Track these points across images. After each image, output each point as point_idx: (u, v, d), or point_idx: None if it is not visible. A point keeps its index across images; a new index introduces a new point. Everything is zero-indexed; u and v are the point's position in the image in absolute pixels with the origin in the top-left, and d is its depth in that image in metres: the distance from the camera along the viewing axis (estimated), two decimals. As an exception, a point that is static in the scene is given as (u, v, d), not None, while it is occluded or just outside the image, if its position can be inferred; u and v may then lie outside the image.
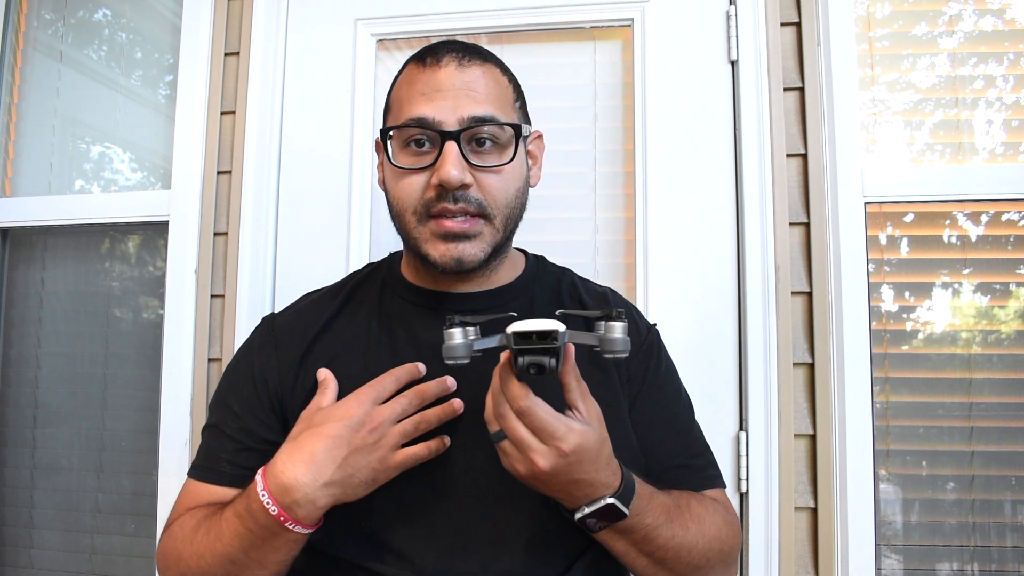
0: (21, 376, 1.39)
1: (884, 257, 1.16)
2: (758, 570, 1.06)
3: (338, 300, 0.79)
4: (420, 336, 0.74)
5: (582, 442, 0.57)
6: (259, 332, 0.79)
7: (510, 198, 0.71)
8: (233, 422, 0.73)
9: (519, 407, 0.56)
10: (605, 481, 0.60)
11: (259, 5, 1.28)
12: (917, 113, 1.18)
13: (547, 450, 0.57)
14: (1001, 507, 1.10)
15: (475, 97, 0.68)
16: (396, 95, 0.73)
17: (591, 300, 0.81)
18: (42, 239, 1.41)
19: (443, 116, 0.67)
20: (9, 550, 1.36)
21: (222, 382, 0.78)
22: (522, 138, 0.72)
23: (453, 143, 0.66)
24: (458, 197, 0.67)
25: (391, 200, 0.73)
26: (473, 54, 0.71)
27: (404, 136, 0.69)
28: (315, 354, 0.75)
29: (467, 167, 0.67)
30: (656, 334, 0.84)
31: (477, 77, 0.70)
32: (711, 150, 1.17)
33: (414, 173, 0.69)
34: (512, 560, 0.67)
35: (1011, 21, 1.18)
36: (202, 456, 0.75)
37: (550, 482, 0.59)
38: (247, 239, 1.24)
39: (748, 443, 1.09)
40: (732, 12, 1.17)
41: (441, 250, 0.69)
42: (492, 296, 0.77)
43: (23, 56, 1.45)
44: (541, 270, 0.83)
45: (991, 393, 1.12)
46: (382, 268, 0.84)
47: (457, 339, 0.57)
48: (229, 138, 1.28)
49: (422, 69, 0.70)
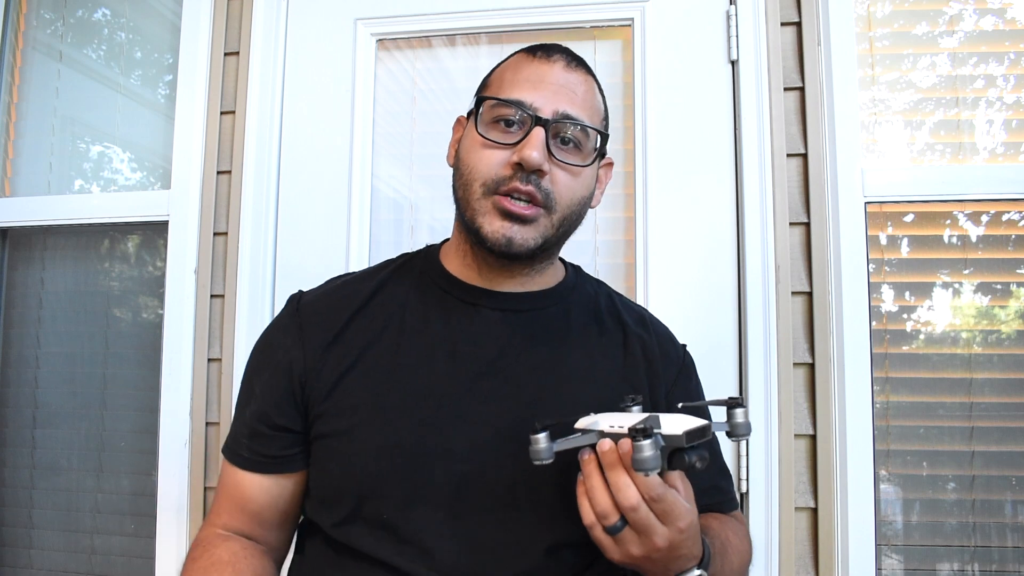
0: (21, 376, 1.39)
1: (884, 257, 1.16)
2: (758, 570, 1.06)
3: (372, 284, 0.78)
4: (455, 330, 0.73)
5: (693, 519, 0.59)
6: (285, 312, 0.78)
7: (575, 201, 0.73)
8: (253, 404, 0.74)
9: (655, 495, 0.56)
10: (694, 553, 0.61)
11: (259, 5, 1.28)
12: (917, 113, 1.18)
13: (667, 531, 0.57)
14: (1001, 507, 1.10)
15: (573, 99, 0.71)
16: (499, 75, 0.75)
17: (631, 319, 0.81)
18: (42, 239, 1.41)
19: (540, 104, 0.69)
20: (9, 550, 1.36)
21: (251, 359, 0.78)
22: (600, 153, 0.75)
23: (541, 129, 0.68)
24: (530, 180, 0.68)
25: (463, 169, 0.73)
26: (581, 62, 0.75)
27: (495, 113, 0.71)
28: (345, 339, 0.73)
29: (548, 157, 0.69)
30: (690, 357, 0.85)
31: (579, 82, 0.73)
32: (711, 150, 1.16)
33: (497, 147, 0.70)
34: (524, 565, 0.66)
35: (1011, 21, 1.18)
36: (231, 435, 0.76)
37: (658, 560, 0.59)
38: (247, 239, 1.24)
39: (748, 443, 1.09)
40: (732, 12, 1.17)
41: (496, 226, 0.69)
42: (532, 298, 0.77)
43: (23, 56, 1.45)
44: (580, 280, 0.84)
45: (991, 393, 1.12)
46: (419, 258, 0.83)
47: (542, 444, 0.58)
48: (229, 138, 1.28)
49: (531, 59, 0.73)
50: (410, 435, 0.67)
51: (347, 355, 0.72)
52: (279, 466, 0.73)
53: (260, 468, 0.73)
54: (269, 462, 0.72)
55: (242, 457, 0.73)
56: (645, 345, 0.78)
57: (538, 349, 0.74)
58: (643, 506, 0.56)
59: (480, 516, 0.67)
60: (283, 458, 0.72)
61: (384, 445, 0.67)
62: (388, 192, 1.29)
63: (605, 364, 0.75)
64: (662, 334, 0.82)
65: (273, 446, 0.72)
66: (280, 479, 0.73)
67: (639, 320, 0.82)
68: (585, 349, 0.75)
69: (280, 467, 0.73)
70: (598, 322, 0.79)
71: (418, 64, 1.31)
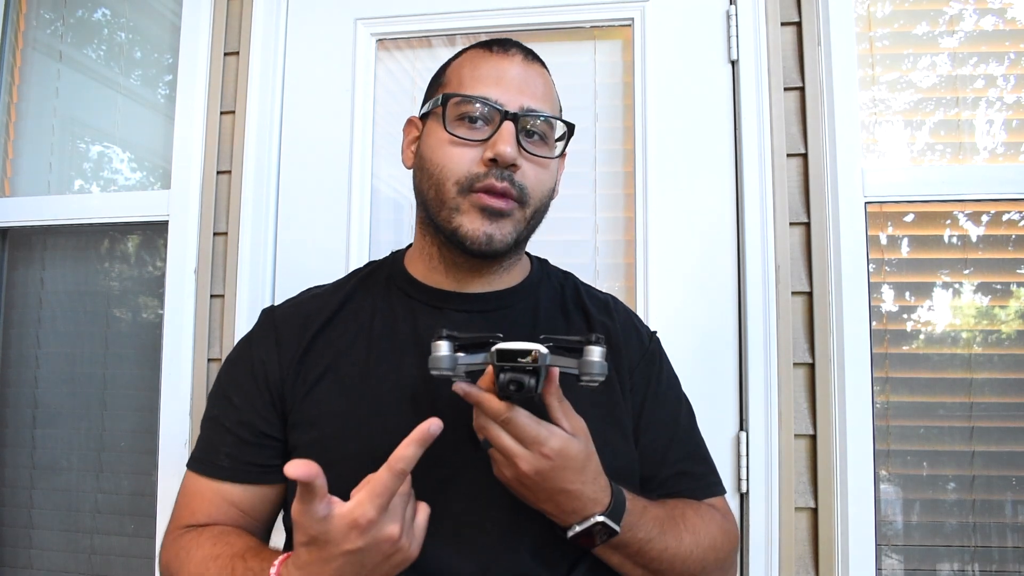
0: (21, 376, 1.39)
1: (884, 257, 1.16)
2: (758, 570, 1.06)
3: (340, 296, 0.79)
4: (423, 335, 0.74)
5: (564, 446, 0.59)
6: (259, 325, 0.79)
7: (544, 193, 0.74)
8: (233, 415, 0.73)
9: (502, 419, 0.58)
10: (593, 496, 0.61)
11: (259, 5, 1.28)
12: (917, 113, 1.18)
13: (530, 454, 0.58)
14: (1002, 507, 1.10)
15: (535, 93, 0.73)
16: (457, 72, 0.75)
17: (594, 306, 0.82)
18: (42, 239, 1.41)
19: (505, 99, 0.70)
20: (9, 550, 1.36)
21: (221, 374, 0.78)
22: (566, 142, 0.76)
23: (511, 123, 0.69)
24: (504, 176, 0.69)
25: (431, 168, 0.72)
26: (535, 56, 0.77)
27: (461, 110, 0.71)
28: (317, 349, 0.74)
29: (519, 150, 0.70)
30: (657, 342, 0.84)
31: (538, 75, 0.75)
32: (711, 150, 1.16)
33: (466, 144, 0.70)
34: (514, 562, 0.66)
35: (1012, 21, 1.18)
36: (201, 448, 0.74)
37: (537, 489, 0.60)
38: (247, 239, 1.24)
39: (748, 443, 1.09)
40: (732, 12, 1.17)
41: (476, 224, 0.69)
42: (499, 297, 0.77)
43: (22, 56, 1.45)
44: (545, 273, 0.84)
45: (991, 393, 1.12)
46: (385, 265, 0.84)
47: (443, 351, 0.57)
48: (229, 138, 1.28)
49: (489, 55, 0.74)
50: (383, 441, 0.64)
51: (318, 365, 0.72)
52: (263, 476, 0.72)
53: (243, 478, 0.72)
54: (255, 471, 0.72)
55: (220, 467, 0.72)
56: (608, 331, 0.79)
57: None
58: (494, 426, 0.59)
59: (461, 517, 0.67)
60: (268, 468, 0.72)
61: (358, 453, 0.66)
62: (388, 192, 1.29)
63: None
64: (626, 320, 0.83)
65: (261, 455, 0.72)
66: (263, 489, 0.73)
67: (603, 308, 0.83)
68: None
69: (264, 477, 0.72)
70: (564, 315, 0.80)
71: (418, 64, 1.31)
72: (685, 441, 0.80)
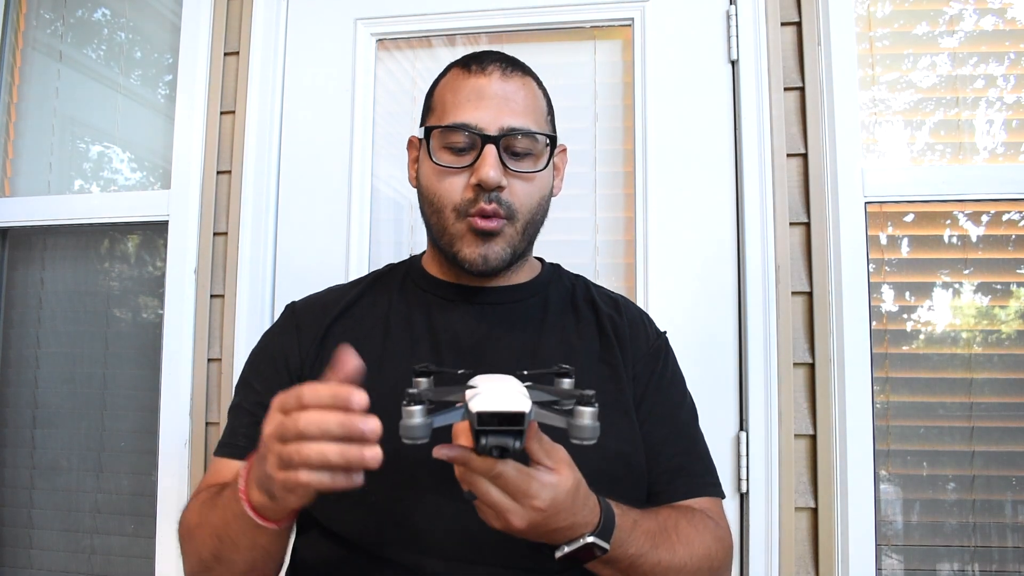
0: (21, 376, 1.39)
1: (884, 257, 1.16)
2: (758, 570, 1.06)
3: (358, 289, 0.84)
4: (436, 325, 0.77)
5: (555, 496, 0.56)
6: (282, 317, 0.83)
7: (535, 204, 0.76)
8: (253, 398, 0.76)
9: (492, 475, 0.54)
10: (584, 521, 0.59)
11: (259, 5, 1.28)
12: (917, 113, 1.18)
13: (522, 509, 0.55)
14: (1002, 507, 1.10)
15: (514, 108, 0.73)
16: (440, 97, 0.77)
17: (603, 302, 0.84)
18: (41, 239, 1.41)
19: (485, 122, 0.72)
20: (9, 550, 1.36)
21: (246, 366, 0.81)
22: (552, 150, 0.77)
23: (492, 147, 0.71)
24: (492, 198, 0.72)
25: (430, 196, 0.76)
26: (515, 67, 0.77)
27: (444, 140, 0.74)
28: (335, 335, 0.77)
29: (503, 171, 0.72)
30: (665, 340, 0.86)
31: (517, 88, 0.75)
32: (711, 150, 1.16)
33: (454, 173, 0.73)
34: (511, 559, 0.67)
35: (1012, 21, 1.18)
36: (226, 434, 0.77)
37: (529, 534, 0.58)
38: (247, 239, 1.24)
39: (748, 443, 1.09)
40: (732, 12, 1.17)
41: (472, 248, 0.73)
42: (510, 292, 0.81)
43: (22, 56, 1.45)
44: (556, 275, 0.88)
45: (992, 393, 1.12)
46: (403, 265, 0.88)
47: (417, 418, 0.50)
48: (229, 138, 1.28)
49: (467, 75, 0.75)
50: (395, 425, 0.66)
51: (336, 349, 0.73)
52: None
53: None
54: None
55: (239, 447, 0.74)
56: (616, 325, 0.81)
57: (516, 336, 0.77)
58: (482, 481, 0.55)
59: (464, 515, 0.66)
60: None
61: None
62: (388, 192, 1.29)
63: (582, 347, 0.78)
64: (634, 316, 0.85)
65: None
66: None
67: (612, 304, 0.85)
68: (562, 335, 0.79)
69: None
70: (574, 310, 0.82)
71: (418, 64, 1.31)
72: (684, 437, 0.80)
